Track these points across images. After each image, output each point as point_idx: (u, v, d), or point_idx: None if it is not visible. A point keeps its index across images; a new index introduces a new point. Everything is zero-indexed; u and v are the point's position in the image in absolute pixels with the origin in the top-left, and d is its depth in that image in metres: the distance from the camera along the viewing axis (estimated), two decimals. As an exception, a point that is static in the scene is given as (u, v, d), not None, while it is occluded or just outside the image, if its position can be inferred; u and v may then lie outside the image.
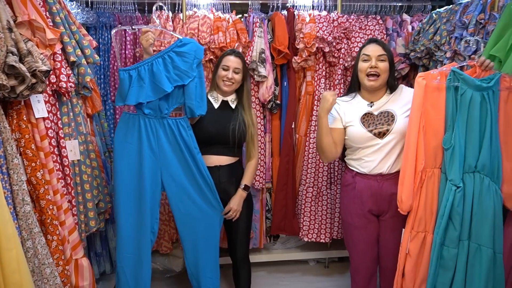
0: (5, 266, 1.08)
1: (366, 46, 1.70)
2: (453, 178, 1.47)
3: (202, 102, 1.74)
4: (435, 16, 2.13)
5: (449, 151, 1.47)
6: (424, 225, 1.54)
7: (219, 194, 1.87)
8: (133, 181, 1.71)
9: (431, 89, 1.49)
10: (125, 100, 1.64)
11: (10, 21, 1.16)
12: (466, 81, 1.46)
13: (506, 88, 1.47)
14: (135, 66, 1.64)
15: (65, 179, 1.56)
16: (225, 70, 1.84)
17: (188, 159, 1.73)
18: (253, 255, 2.53)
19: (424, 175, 1.53)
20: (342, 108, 1.74)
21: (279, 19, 2.29)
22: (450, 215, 1.47)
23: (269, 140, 2.44)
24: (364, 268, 1.81)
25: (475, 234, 1.46)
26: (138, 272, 1.75)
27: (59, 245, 1.40)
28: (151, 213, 1.74)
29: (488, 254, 1.43)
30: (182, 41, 1.68)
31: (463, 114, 1.46)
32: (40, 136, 1.39)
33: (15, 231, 1.12)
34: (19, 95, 1.19)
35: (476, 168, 1.47)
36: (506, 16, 1.57)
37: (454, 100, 1.48)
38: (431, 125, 1.51)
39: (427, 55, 2.14)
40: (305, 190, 2.41)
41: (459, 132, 1.46)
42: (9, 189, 1.19)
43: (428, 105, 1.50)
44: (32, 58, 1.19)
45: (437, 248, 1.48)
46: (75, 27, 1.65)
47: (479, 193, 1.45)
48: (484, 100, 1.45)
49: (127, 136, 1.69)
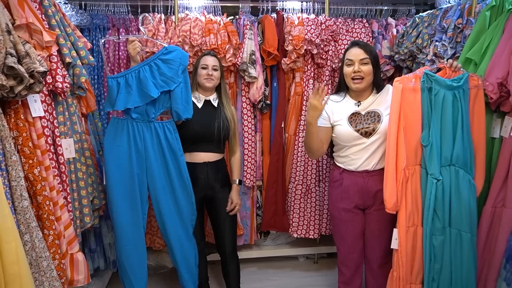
0: (4, 258, 1.13)
1: (349, 50, 1.76)
2: (433, 172, 1.57)
3: (188, 106, 1.85)
4: (418, 20, 2.22)
5: (428, 148, 1.56)
6: (413, 220, 1.63)
7: (206, 190, 2.00)
8: (125, 180, 1.81)
9: (408, 91, 1.59)
10: (113, 106, 1.75)
11: (9, 24, 1.21)
12: (438, 82, 1.56)
13: (474, 86, 1.58)
14: (123, 74, 1.75)
15: (60, 176, 1.61)
16: (204, 68, 1.95)
17: (169, 161, 1.85)
18: (244, 251, 2.59)
19: (407, 172, 1.61)
20: (331, 107, 1.80)
21: (269, 22, 2.36)
22: (435, 206, 1.57)
23: (260, 139, 2.50)
24: (351, 259, 1.89)
25: (454, 221, 1.58)
26: (136, 263, 1.88)
27: (55, 239, 1.45)
28: (142, 210, 1.85)
29: (467, 238, 1.57)
30: (168, 49, 1.80)
31: (438, 113, 1.56)
32: (36, 134, 1.44)
33: (14, 225, 1.17)
34: (17, 95, 1.24)
35: (451, 161, 1.58)
36: (481, 21, 1.67)
37: (428, 100, 1.57)
38: (410, 125, 1.59)
39: (410, 57, 2.23)
40: (294, 188, 2.48)
41: (435, 129, 1.56)
42: (8, 185, 1.24)
43: (406, 107, 1.59)
44: (30, 59, 1.24)
45: (429, 238, 1.58)
46: (70, 29, 1.71)
47: (455, 184, 1.57)
48: (455, 98, 1.55)
49: (116, 139, 1.79)
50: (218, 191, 2.01)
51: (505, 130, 1.61)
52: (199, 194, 1.99)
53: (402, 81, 1.59)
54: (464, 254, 1.58)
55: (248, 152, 2.42)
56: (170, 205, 1.89)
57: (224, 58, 2.25)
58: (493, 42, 1.60)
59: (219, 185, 2.01)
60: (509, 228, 1.54)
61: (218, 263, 2.25)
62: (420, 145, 1.60)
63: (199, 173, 1.96)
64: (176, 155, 1.86)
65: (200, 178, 1.97)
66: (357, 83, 1.72)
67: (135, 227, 1.85)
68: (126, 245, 1.85)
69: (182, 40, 2.21)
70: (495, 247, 1.61)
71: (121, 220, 1.82)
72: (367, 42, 1.96)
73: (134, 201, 1.83)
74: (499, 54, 1.54)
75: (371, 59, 1.71)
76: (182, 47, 2.21)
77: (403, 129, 1.58)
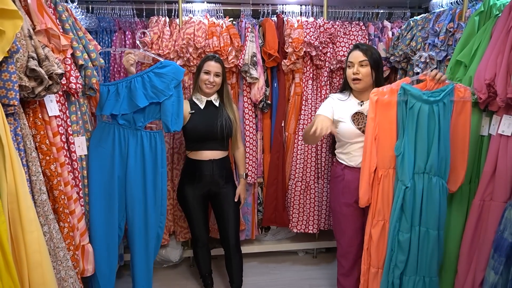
0: (28, 247, 1.21)
1: (351, 53, 1.87)
2: (403, 179, 1.69)
3: (178, 119, 1.93)
4: (412, 23, 2.31)
5: (400, 157, 1.68)
6: (383, 215, 1.78)
7: (211, 186, 2.07)
8: (105, 180, 1.87)
9: (384, 104, 1.69)
10: (101, 110, 1.85)
11: (30, 29, 1.29)
12: (414, 96, 1.64)
13: (460, 98, 1.65)
14: (115, 83, 1.86)
15: (73, 172, 1.70)
16: (206, 74, 2.02)
17: (148, 171, 1.91)
18: (246, 246, 2.67)
19: (380, 174, 1.75)
20: (336, 106, 1.91)
21: (270, 25, 2.45)
22: (402, 208, 1.71)
23: (261, 138, 2.59)
24: (351, 253, 1.98)
25: (424, 220, 1.72)
26: (104, 263, 1.88)
27: (70, 231, 1.54)
28: (119, 211, 1.91)
29: (433, 235, 1.72)
30: (163, 63, 1.89)
31: (412, 125, 1.66)
32: (52, 132, 1.52)
33: (36, 216, 1.26)
34: (37, 95, 1.32)
35: (425, 170, 1.69)
36: (470, 26, 1.76)
37: (404, 112, 1.67)
38: (385, 134, 1.72)
39: (405, 59, 2.32)
40: (294, 184, 2.57)
41: (409, 140, 1.67)
42: (28, 179, 1.32)
43: (382, 118, 1.70)
44: (49, 62, 1.33)
45: (391, 234, 1.74)
46: (82, 32, 1.79)
47: (427, 190, 1.69)
48: (432, 112, 1.63)
49: (101, 141, 1.86)
50: (222, 186, 2.10)
51: (493, 128, 1.70)
52: (204, 190, 2.08)
53: (378, 93, 1.70)
54: (430, 248, 1.73)
55: (249, 150, 2.50)
56: (141, 211, 1.93)
57: (226, 60, 2.34)
58: (481, 45, 1.69)
59: (223, 181, 2.10)
60: (497, 220, 1.63)
61: (221, 258, 2.34)
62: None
63: (205, 170, 2.04)
64: (156, 167, 1.92)
65: (206, 174, 2.05)
66: (356, 83, 1.84)
67: (108, 228, 1.88)
68: (97, 244, 1.84)
69: (186, 43, 2.29)
70: (484, 238, 1.70)
71: (95, 218, 1.85)
72: (370, 45, 2.04)
73: (111, 202, 1.88)
74: (487, 57, 1.62)
75: (370, 61, 1.81)
76: (186, 49, 2.30)
77: (375, 137, 1.71)
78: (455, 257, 1.86)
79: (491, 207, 1.68)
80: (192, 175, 2.08)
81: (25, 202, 1.20)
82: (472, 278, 1.75)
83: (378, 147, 1.73)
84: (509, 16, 1.58)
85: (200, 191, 2.08)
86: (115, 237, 1.92)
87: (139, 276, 2.01)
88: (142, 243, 1.98)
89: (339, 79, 2.57)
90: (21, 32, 1.25)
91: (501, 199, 1.64)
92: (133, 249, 1.99)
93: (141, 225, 1.95)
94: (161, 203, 1.98)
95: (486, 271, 1.65)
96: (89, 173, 1.85)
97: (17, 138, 1.28)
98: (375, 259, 1.82)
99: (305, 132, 1.88)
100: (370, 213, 1.81)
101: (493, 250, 1.60)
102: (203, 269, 2.28)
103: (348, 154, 1.90)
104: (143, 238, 1.97)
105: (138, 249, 1.97)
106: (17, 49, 1.20)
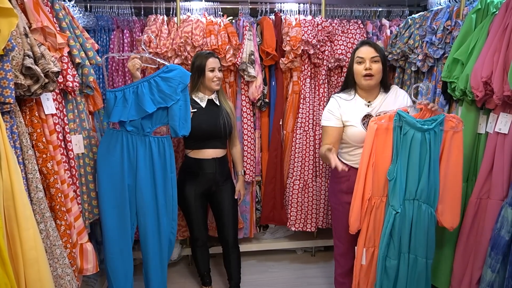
0: (24, 244, 1.22)
1: (359, 49, 1.81)
2: (393, 204, 1.69)
3: (185, 123, 1.91)
4: (410, 22, 2.31)
5: (392, 182, 1.68)
6: (373, 242, 1.78)
7: (212, 184, 2.07)
8: (116, 190, 1.87)
9: (381, 131, 1.68)
10: (109, 117, 1.82)
11: (26, 27, 1.30)
12: (408, 123, 1.64)
13: (451, 127, 1.64)
14: (121, 88, 1.83)
15: (70, 170, 1.70)
16: (212, 71, 2.01)
17: (158, 177, 1.89)
18: (244, 244, 2.68)
19: (373, 202, 1.74)
20: (343, 108, 1.85)
21: (267, 23, 2.45)
22: (391, 233, 1.71)
23: (259, 136, 2.59)
24: (351, 251, 1.97)
25: (413, 247, 1.72)
26: (120, 270, 1.94)
27: (67, 229, 1.55)
28: (130, 218, 1.91)
29: (422, 263, 1.72)
30: (169, 68, 1.86)
31: (405, 150, 1.66)
32: (49, 130, 1.53)
33: (32, 214, 1.26)
34: (33, 94, 1.33)
35: (416, 196, 1.69)
36: (467, 24, 1.76)
37: (399, 138, 1.67)
38: (382, 161, 1.70)
39: (403, 57, 2.32)
40: (292, 183, 2.57)
41: (401, 166, 1.67)
42: (25, 177, 1.33)
43: (378, 145, 1.69)
44: (45, 60, 1.33)
45: (381, 260, 1.74)
46: (79, 31, 1.79)
47: (416, 216, 1.69)
48: (424, 140, 1.63)
49: (110, 149, 1.85)
50: (222, 184, 2.11)
51: (490, 126, 1.70)
52: (203, 188, 2.09)
53: (377, 121, 1.69)
54: (417, 274, 1.74)
55: (247, 148, 2.50)
56: (153, 218, 1.93)
57: (224, 58, 2.34)
58: (478, 43, 1.69)
59: (223, 179, 2.11)
60: (494, 217, 1.63)
61: (219, 256, 2.34)
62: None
63: (207, 168, 2.04)
64: (166, 172, 1.91)
65: (208, 173, 2.05)
66: (368, 79, 1.78)
67: (122, 235, 1.90)
68: (111, 251, 1.89)
69: (184, 41, 2.29)
70: (481, 236, 1.70)
71: (109, 227, 1.87)
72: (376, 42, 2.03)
73: (123, 210, 1.89)
74: (484, 55, 1.63)
75: (381, 57, 1.78)
76: (184, 48, 2.30)
77: (372, 164, 1.70)
78: (451, 255, 1.86)
79: (488, 205, 1.69)
80: (193, 175, 2.07)
81: (21, 200, 1.21)
82: (469, 276, 1.75)
83: (374, 174, 1.71)
84: (506, 14, 1.58)
85: (200, 190, 2.09)
86: (129, 245, 1.93)
87: (154, 282, 2.00)
88: (156, 250, 1.97)
89: (337, 78, 2.57)
90: (16, 30, 1.25)
91: (498, 197, 1.64)
92: (147, 256, 1.98)
93: (155, 231, 1.95)
94: (172, 209, 1.97)
95: (483, 269, 1.66)
96: (100, 182, 1.86)
97: (13, 136, 1.28)
98: (364, 285, 1.82)
99: (322, 156, 1.84)
100: (361, 241, 1.79)
101: (490, 248, 1.61)
102: (202, 267, 2.29)
103: (355, 156, 1.87)
104: (157, 244, 1.97)
105: (152, 255, 1.97)
106: (13, 47, 1.21)
